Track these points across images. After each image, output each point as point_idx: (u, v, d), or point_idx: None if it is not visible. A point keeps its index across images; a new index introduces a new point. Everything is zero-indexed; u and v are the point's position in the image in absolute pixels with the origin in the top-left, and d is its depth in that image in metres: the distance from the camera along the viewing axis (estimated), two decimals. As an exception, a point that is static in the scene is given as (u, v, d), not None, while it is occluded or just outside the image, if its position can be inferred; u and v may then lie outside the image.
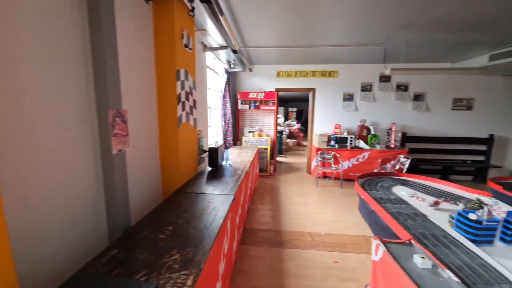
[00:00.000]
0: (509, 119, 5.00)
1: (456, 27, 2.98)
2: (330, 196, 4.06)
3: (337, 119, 5.34)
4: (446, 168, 5.04)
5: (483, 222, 1.59)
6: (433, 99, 5.07)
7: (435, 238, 1.68)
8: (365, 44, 3.71)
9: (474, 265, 1.38)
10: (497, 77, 4.91)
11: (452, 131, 5.11)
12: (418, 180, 3.17)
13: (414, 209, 2.19)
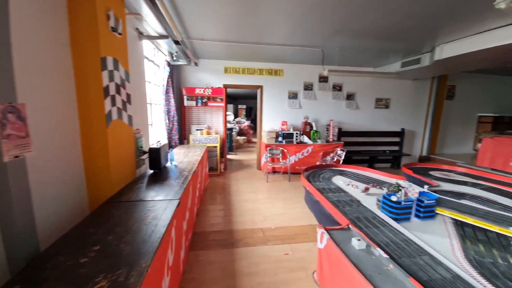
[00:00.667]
0: (415, 116, 6.19)
1: (378, 36, 3.45)
2: (279, 190, 4.23)
3: (284, 116, 5.59)
4: (372, 158, 5.90)
5: (401, 203, 1.87)
6: (361, 99, 5.83)
7: (367, 220, 1.90)
8: (306, 45, 3.96)
9: (398, 241, 1.61)
10: (408, 81, 5.99)
11: (375, 126, 6.01)
12: (352, 169, 3.58)
13: (350, 196, 2.45)
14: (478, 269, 1.38)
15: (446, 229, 1.83)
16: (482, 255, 1.51)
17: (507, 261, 1.45)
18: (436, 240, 1.67)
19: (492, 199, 2.53)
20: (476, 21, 2.84)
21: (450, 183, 3.10)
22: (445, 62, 4.02)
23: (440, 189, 2.82)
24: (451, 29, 3.15)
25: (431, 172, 3.73)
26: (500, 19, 2.71)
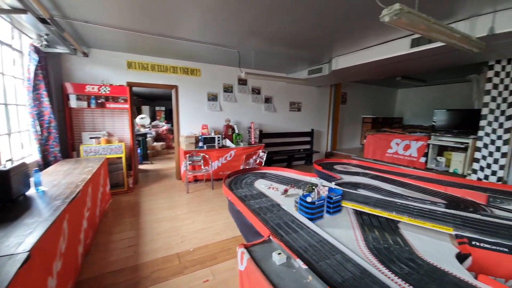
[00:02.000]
0: (320, 117, 7.15)
1: (287, 43, 3.67)
2: (201, 200, 3.86)
3: (204, 119, 5.24)
4: (290, 157, 6.40)
5: (315, 203, 1.93)
6: (278, 102, 6.22)
7: (287, 225, 1.85)
8: (221, 44, 3.78)
9: (315, 243, 1.61)
10: (313, 87, 6.84)
11: (291, 127, 6.56)
12: (273, 171, 3.65)
13: (271, 200, 2.40)
14: (378, 257, 1.51)
15: (350, 220, 2.01)
16: (379, 241, 1.69)
17: (398, 244, 1.68)
18: (344, 233, 1.78)
19: (378, 186, 3.07)
20: (361, 38, 3.42)
21: (348, 175, 3.61)
22: (339, 72, 4.75)
23: (342, 182, 3.22)
24: (343, 44, 3.69)
25: (335, 166, 4.30)
26: (378, 38, 3.35)
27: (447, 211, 2.10)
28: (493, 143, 3.62)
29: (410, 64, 4.03)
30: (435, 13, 2.39)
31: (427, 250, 1.60)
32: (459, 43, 2.06)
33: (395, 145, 5.23)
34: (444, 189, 3.00)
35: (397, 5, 1.29)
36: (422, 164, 4.79)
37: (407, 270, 1.39)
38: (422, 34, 1.84)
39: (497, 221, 1.92)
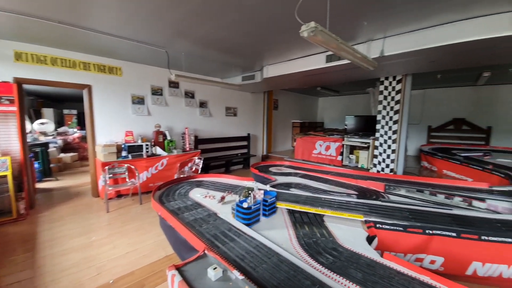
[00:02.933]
0: (256, 122, 7.45)
1: (219, 48, 3.65)
2: (126, 219, 3.34)
3: (128, 125, 4.60)
4: (228, 161, 6.37)
5: (252, 207, 1.94)
6: (214, 107, 6.12)
7: (224, 235, 1.79)
8: (147, 42, 3.41)
9: (252, 249, 1.60)
10: (248, 93, 7.06)
11: (228, 132, 6.56)
12: (210, 178, 3.52)
13: (208, 209, 2.29)
14: (308, 251, 1.64)
15: (284, 220, 2.12)
16: (309, 236, 1.84)
17: (324, 236, 1.86)
18: (279, 233, 1.86)
19: (307, 184, 3.40)
20: (287, 50, 3.74)
21: (282, 176, 3.87)
22: (270, 80, 5.07)
23: (277, 183, 3.41)
24: (272, 54, 3.95)
25: (270, 168, 4.53)
26: (301, 51, 3.73)
27: (358, 201, 2.51)
28: (386, 142, 4.61)
29: (326, 77, 4.69)
30: (342, 35, 2.85)
31: (346, 237, 1.85)
32: (360, 61, 2.52)
33: (319, 146, 5.97)
34: (355, 182, 3.59)
35: (313, 23, 1.46)
36: (339, 162, 5.62)
37: (331, 259, 1.55)
38: (333, 51, 2.15)
39: (393, 205, 2.41)
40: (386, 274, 1.41)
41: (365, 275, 1.39)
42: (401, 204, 2.44)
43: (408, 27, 2.63)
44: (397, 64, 3.42)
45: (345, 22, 2.51)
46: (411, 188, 3.27)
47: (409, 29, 2.66)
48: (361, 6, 2.21)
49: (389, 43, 2.85)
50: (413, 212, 2.17)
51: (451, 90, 6.94)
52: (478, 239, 1.78)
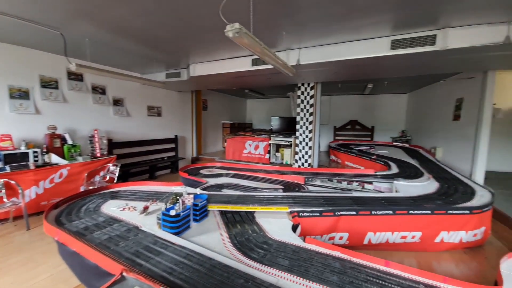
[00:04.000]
0: (184, 123, 7.03)
1: (137, 39, 3.22)
2: (7, 252, 2.47)
3: (3, 127, 3.43)
4: (152, 167, 5.74)
5: (180, 214, 1.80)
6: (132, 105, 5.37)
7: (148, 250, 1.59)
8: (32, 20, 2.62)
9: (182, 259, 1.48)
10: (174, 92, 6.57)
11: (151, 134, 5.91)
12: (129, 187, 3.06)
13: (127, 224, 1.98)
14: (241, 250, 1.66)
15: (216, 222, 2.08)
16: (241, 235, 1.87)
17: (255, 232, 1.93)
18: (212, 237, 1.81)
19: (239, 183, 3.47)
20: (214, 50, 3.68)
21: (214, 177, 3.81)
22: (198, 79, 4.89)
23: (208, 185, 3.32)
24: (199, 52, 3.81)
25: (201, 171, 4.37)
26: (229, 52, 3.75)
27: (284, 194, 2.75)
28: (304, 140, 5.28)
29: (252, 80, 4.93)
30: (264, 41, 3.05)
31: (275, 230, 1.99)
32: (281, 67, 2.77)
33: (248, 146, 6.21)
34: (281, 177, 3.94)
35: (237, 24, 1.49)
36: (267, 160, 6.03)
37: (262, 253, 1.62)
38: (258, 55, 2.27)
39: (311, 195, 2.76)
40: (308, 256, 1.59)
41: (291, 261, 1.53)
42: (317, 193, 2.84)
43: (317, 42, 3.08)
44: (310, 72, 3.95)
45: (267, 29, 2.69)
46: (324, 178, 3.86)
47: (318, 43, 3.12)
48: (281, 18, 2.43)
49: (304, 54, 3.26)
50: (326, 199, 2.56)
51: (348, 97, 8.63)
52: (370, 214, 2.27)
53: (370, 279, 1.39)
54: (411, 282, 1.38)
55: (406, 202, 2.46)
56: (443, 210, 2.24)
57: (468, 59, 2.95)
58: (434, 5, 2.07)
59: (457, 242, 2.30)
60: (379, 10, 2.20)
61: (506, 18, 2.23)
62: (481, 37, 2.33)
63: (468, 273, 2.06)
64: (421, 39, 2.52)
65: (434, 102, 5.89)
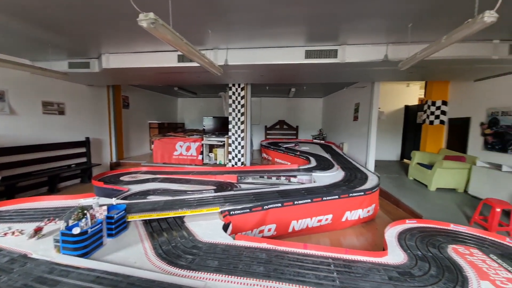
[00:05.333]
0: (99, 123, 5.96)
1: (23, 17, 2.50)
2: None
3: None
4: (53, 177, 4.61)
5: (88, 231, 1.52)
6: (19, 101, 4.15)
7: (41, 281, 1.26)
8: None
9: (89, 284, 1.25)
10: (83, 86, 5.46)
11: (50, 137, 4.74)
12: (13, 206, 2.37)
13: (9, 253, 1.52)
14: (167, 259, 1.54)
15: (138, 233, 1.86)
16: (167, 243, 1.74)
17: (184, 237, 1.83)
18: (132, 251, 1.61)
19: (168, 188, 3.22)
20: (131, 41, 3.25)
21: (138, 184, 3.40)
22: (114, 73, 4.24)
23: (130, 193, 2.94)
24: (112, 41, 3.29)
25: (122, 177, 3.81)
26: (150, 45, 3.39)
27: (215, 195, 2.72)
28: (237, 140, 5.39)
29: (181, 77, 4.66)
30: (189, 37, 2.92)
31: (205, 232, 1.94)
32: (208, 66, 2.73)
33: (179, 148, 5.84)
34: (214, 178, 3.90)
35: (152, 14, 1.36)
36: (200, 161, 5.85)
37: (191, 258, 1.56)
38: (181, 51, 2.15)
39: (242, 192, 2.84)
40: (237, 253, 1.63)
41: (221, 260, 1.53)
42: (249, 190, 2.95)
43: (244, 44, 3.19)
44: (239, 73, 4.06)
45: (192, 25, 2.59)
46: (255, 175, 4.05)
47: (244, 45, 3.24)
48: (205, 16, 2.38)
49: (232, 54, 3.32)
50: (256, 195, 2.69)
51: (276, 99, 9.37)
52: (293, 204, 2.52)
53: (291, 263, 1.55)
54: (323, 258, 1.62)
55: (321, 190, 2.87)
56: (346, 194, 2.73)
57: (361, 71, 3.70)
58: (335, 24, 2.49)
59: (356, 219, 2.86)
60: (293, 22, 2.47)
61: (385, 40, 2.91)
62: (368, 54, 2.97)
63: (365, 243, 2.58)
64: (327, 52, 2.99)
65: (340, 105, 7.10)
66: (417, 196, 3.70)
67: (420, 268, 1.53)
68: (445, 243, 1.86)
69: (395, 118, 6.84)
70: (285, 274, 1.42)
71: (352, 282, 1.38)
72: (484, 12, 1.37)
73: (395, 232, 2.04)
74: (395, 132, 6.87)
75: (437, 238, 1.94)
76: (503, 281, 1.40)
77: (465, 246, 1.82)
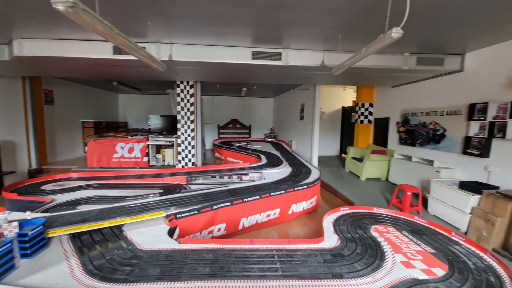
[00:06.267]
0: (11, 123, 4.86)
1: None
2: None
3: None
4: None
5: (-11, 255, 1.24)
6: None
7: None
8: None
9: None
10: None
11: None
12: None
13: None
14: (98, 275, 1.37)
15: (63, 250, 1.61)
16: (100, 257, 1.55)
17: (121, 248, 1.66)
18: (53, 272, 1.39)
19: (104, 195, 2.86)
20: (51, 24, 2.75)
21: (66, 193, 2.92)
22: (30, 62, 3.54)
23: (54, 204, 2.51)
24: (25, 24, 2.73)
25: (43, 186, 3.22)
26: (76, 32, 2.92)
27: (160, 199, 2.56)
28: (186, 139, 5.17)
29: (119, 71, 4.19)
30: (127, 29, 2.66)
31: (147, 239, 1.81)
32: (149, 61, 2.54)
33: (120, 149, 5.25)
34: (162, 180, 3.65)
35: (71, -3, 1.18)
36: (146, 163, 5.39)
37: (129, 270, 1.43)
38: (115, 43, 1.94)
39: (191, 194, 2.74)
40: (182, 257, 1.57)
41: (163, 267, 1.46)
42: (198, 191, 2.87)
43: (190, 40, 3.07)
44: (187, 70, 3.89)
45: (126, 15, 2.35)
46: (207, 175, 3.96)
47: (191, 42, 3.12)
48: (142, 6, 2.19)
49: (177, 50, 3.15)
50: (205, 195, 2.64)
51: (229, 98, 9.35)
52: (242, 202, 2.57)
53: (237, 259, 1.58)
54: (268, 251, 1.70)
55: (269, 186, 3.01)
56: (292, 188, 2.93)
57: (304, 74, 4.00)
58: (278, 28, 2.63)
59: (301, 211, 3.10)
60: (239, 23, 2.50)
61: (322, 47, 3.21)
62: (308, 59, 3.23)
63: (309, 232, 2.82)
64: (272, 54, 3.14)
65: (289, 105, 7.55)
66: (351, 186, 4.23)
67: (349, 249, 1.77)
68: (369, 225, 2.18)
69: (334, 117, 7.65)
70: (231, 271, 1.44)
71: (292, 269, 1.49)
72: (392, 29, 1.65)
73: (332, 219, 2.29)
74: (335, 130, 7.70)
75: (363, 221, 2.26)
76: (413, 253, 1.71)
77: (384, 225, 2.18)
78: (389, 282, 1.40)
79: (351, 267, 1.55)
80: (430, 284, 1.38)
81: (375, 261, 1.61)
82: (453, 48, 3.14)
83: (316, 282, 1.38)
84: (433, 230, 2.12)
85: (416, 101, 4.21)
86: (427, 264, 1.58)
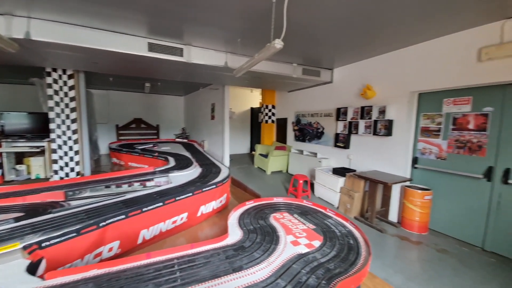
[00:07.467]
0: None
1: None
2: None
3: None
4: None
5: None
6: None
7: None
8: None
9: None
10: None
11: None
12: None
13: None
14: None
15: None
16: None
17: None
18: None
19: None
20: None
21: None
22: None
23: None
24: None
25: None
26: None
27: (14, 226, 1.88)
28: (66, 144, 4.04)
29: None
30: None
31: (-17, 288, 1.28)
32: (-14, 36, 1.79)
33: None
34: (23, 200, 2.71)
35: None
36: (0, 178, 3.87)
37: None
38: None
39: (66, 213, 2.15)
40: (45, 298, 1.21)
41: (9, 321, 1.06)
42: (80, 207, 2.30)
43: (59, 17, 2.39)
44: (58, 55, 3.04)
45: None
46: (98, 186, 3.27)
47: (60, 19, 2.43)
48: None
49: (38, 27, 2.38)
50: (89, 211, 2.16)
51: (130, 94, 8.10)
52: (141, 212, 2.27)
53: (128, 281, 1.37)
54: (167, 261, 1.57)
55: (175, 190, 2.81)
56: (200, 190, 2.87)
57: (211, 74, 3.99)
58: (177, 22, 2.47)
59: (211, 211, 3.08)
60: (131, 7, 2.18)
61: (225, 49, 3.28)
62: (212, 58, 3.24)
63: (218, 231, 2.83)
64: (172, 49, 2.93)
65: (200, 105, 7.39)
66: (259, 180, 4.61)
67: (250, 240, 1.89)
68: (269, 214, 2.42)
69: (244, 117, 8.12)
70: (117, 297, 1.23)
71: (193, 275, 1.44)
72: (275, 40, 1.88)
73: (237, 215, 2.40)
74: (245, 129, 8.18)
75: (265, 211, 2.49)
76: (300, 232, 2.02)
77: (280, 212, 2.48)
78: (280, 262, 1.59)
79: (251, 256, 1.66)
80: (310, 255, 1.68)
81: (271, 246, 1.80)
82: (326, 63, 3.97)
83: (216, 281, 1.39)
84: (315, 209, 2.60)
85: (305, 104, 5.07)
86: (309, 239, 1.91)
